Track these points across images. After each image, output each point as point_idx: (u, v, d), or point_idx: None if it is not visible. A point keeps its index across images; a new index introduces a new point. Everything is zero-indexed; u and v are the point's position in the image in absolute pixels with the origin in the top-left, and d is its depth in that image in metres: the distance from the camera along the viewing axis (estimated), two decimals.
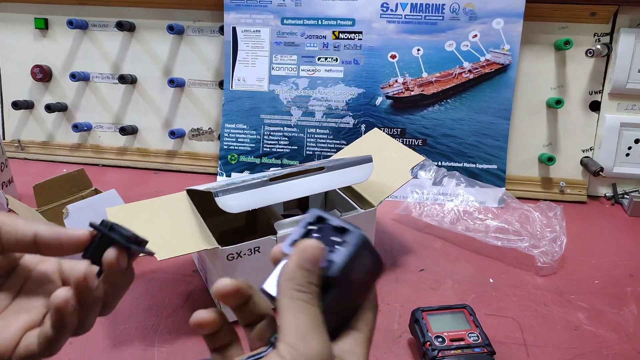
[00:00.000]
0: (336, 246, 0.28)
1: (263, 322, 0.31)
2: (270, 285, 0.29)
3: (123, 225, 0.32)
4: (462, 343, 0.54)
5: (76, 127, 1.09)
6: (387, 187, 0.71)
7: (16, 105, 1.10)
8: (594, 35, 0.95)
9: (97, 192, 0.82)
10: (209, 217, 0.63)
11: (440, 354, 0.52)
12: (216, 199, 0.56)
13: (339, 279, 0.28)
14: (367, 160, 0.67)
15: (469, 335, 0.55)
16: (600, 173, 0.93)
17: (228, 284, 0.29)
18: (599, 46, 0.92)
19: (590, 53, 0.91)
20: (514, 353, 0.58)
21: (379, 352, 0.58)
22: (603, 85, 0.97)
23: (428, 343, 0.54)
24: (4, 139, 1.16)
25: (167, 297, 0.67)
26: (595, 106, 0.98)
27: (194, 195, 0.66)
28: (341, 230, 0.29)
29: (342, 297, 0.28)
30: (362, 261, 0.28)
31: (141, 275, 0.71)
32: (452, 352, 0.53)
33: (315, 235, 0.30)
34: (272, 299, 0.29)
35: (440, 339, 0.54)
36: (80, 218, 0.70)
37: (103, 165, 1.12)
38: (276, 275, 0.29)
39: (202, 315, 0.30)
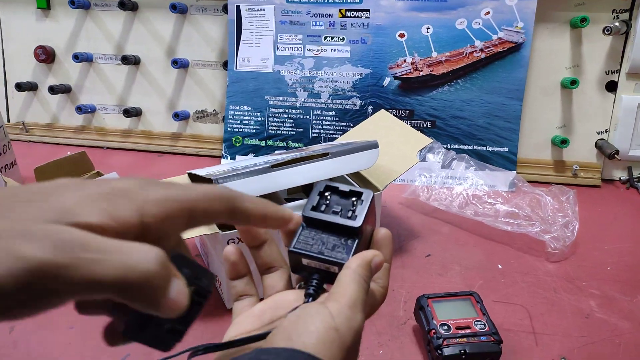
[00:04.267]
0: (353, 205, 0.35)
1: (279, 270, 0.37)
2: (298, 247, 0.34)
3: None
4: (468, 331, 0.52)
5: (80, 110, 1.08)
6: (393, 171, 0.69)
7: (20, 87, 1.09)
8: (612, 12, 0.91)
9: (99, 174, 0.81)
10: None
11: (445, 343, 0.51)
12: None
13: (361, 228, 0.34)
14: (373, 145, 0.64)
15: (476, 323, 0.53)
16: (616, 156, 0.90)
17: None
18: (617, 23, 0.88)
19: (607, 31, 0.87)
20: (522, 341, 0.57)
21: (382, 338, 0.57)
22: (620, 65, 0.93)
23: (433, 331, 0.52)
24: (8, 121, 1.16)
25: None
26: (611, 86, 0.94)
27: (196, 179, 0.65)
28: (350, 193, 0.36)
29: (362, 241, 0.35)
30: (370, 212, 0.35)
31: None
32: (458, 340, 0.51)
33: (329, 201, 0.36)
34: (298, 257, 0.34)
35: (445, 327, 0.53)
36: None
37: (107, 148, 1.11)
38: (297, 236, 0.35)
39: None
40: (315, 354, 0.26)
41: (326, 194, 0.36)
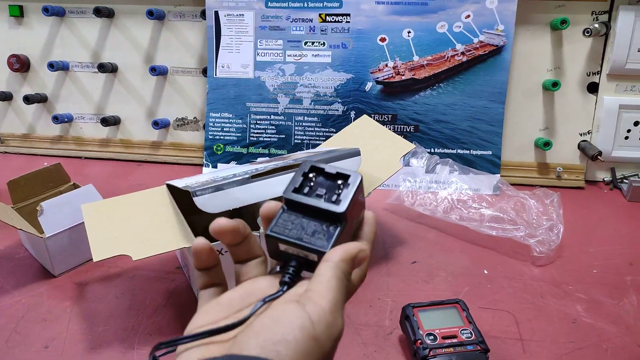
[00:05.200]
0: (339, 189, 0.33)
1: (256, 260, 0.35)
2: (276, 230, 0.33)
3: None
4: (454, 341, 0.51)
5: (56, 119, 1.05)
6: (376, 178, 0.68)
7: None
8: (592, 14, 0.91)
9: (75, 186, 0.79)
10: (193, 211, 0.59)
11: (431, 353, 0.50)
12: (194, 199, 0.53)
13: (345, 213, 0.32)
14: (355, 153, 0.63)
15: (462, 332, 0.52)
16: (599, 157, 0.90)
17: (224, 224, 0.33)
18: (597, 25, 0.88)
19: (587, 32, 0.87)
20: (509, 349, 0.56)
21: (368, 349, 0.56)
22: (601, 66, 0.93)
23: (419, 341, 0.51)
24: None
25: (149, 296, 0.64)
26: (593, 88, 0.94)
27: (176, 188, 0.63)
28: (337, 176, 0.34)
29: (346, 230, 0.33)
30: (357, 197, 0.33)
31: (122, 273, 0.69)
32: (444, 350, 0.50)
33: (314, 183, 0.34)
34: (275, 241, 0.32)
35: (431, 337, 0.52)
36: (55, 215, 0.67)
37: (85, 158, 1.09)
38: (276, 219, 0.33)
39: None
40: None
41: (311, 175, 0.34)
